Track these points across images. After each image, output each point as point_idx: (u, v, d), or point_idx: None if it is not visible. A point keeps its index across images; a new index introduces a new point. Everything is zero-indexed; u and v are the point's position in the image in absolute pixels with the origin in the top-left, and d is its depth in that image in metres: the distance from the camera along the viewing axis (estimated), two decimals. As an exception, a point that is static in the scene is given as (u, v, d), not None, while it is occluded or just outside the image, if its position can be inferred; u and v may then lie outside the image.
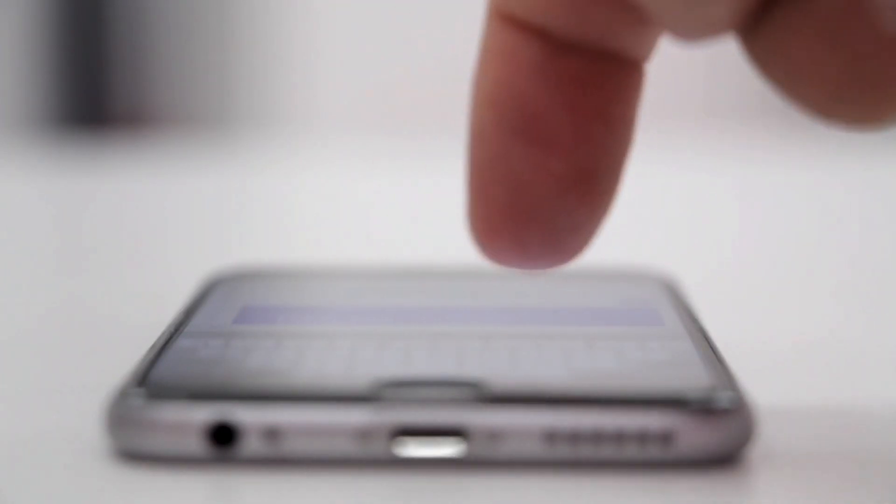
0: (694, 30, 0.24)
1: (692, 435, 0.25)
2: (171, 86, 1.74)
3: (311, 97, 1.71)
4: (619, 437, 0.25)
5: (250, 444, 0.25)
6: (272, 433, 0.25)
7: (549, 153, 0.26)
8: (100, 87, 1.68)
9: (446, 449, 0.25)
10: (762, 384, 0.28)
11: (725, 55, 0.38)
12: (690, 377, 0.27)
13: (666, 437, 0.25)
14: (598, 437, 0.25)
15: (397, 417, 0.25)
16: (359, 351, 0.29)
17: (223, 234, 0.57)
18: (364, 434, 0.25)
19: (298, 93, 1.72)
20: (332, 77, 1.71)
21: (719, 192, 0.67)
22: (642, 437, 0.25)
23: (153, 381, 0.26)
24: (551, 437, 0.25)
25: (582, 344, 0.29)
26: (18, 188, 0.68)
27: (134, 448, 0.26)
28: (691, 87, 1.63)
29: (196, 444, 0.25)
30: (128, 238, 0.56)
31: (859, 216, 0.60)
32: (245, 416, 0.25)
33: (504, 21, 0.26)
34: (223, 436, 0.25)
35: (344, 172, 0.75)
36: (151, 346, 0.29)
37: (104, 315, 0.40)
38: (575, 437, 0.25)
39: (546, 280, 0.36)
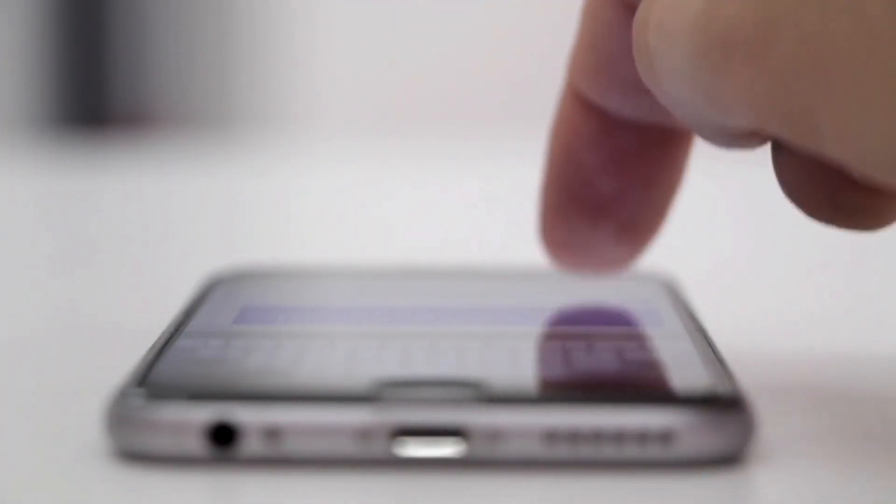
0: (727, 149, 0.28)
1: (692, 434, 0.25)
2: (171, 86, 1.74)
3: (311, 97, 1.71)
4: (619, 437, 0.25)
5: (250, 444, 0.25)
6: (272, 433, 0.25)
7: (598, 213, 0.31)
8: (100, 87, 1.68)
9: (446, 449, 0.25)
10: (762, 384, 0.28)
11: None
12: (690, 377, 0.27)
13: (666, 437, 0.25)
14: (598, 437, 0.25)
15: (397, 417, 0.25)
16: (359, 351, 0.29)
17: (223, 234, 0.57)
18: (364, 434, 0.25)
19: (298, 93, 1.72)
20: (332, 77, 1.71)
21: (719, 192, 0.67)
22: (642, 437, 0.25)
23: (153, 381, 0.26)
24: (551, 437, 0.25)
25: (582, 344, 0.29)
26: (18, 188, 0.68)
27: (134, 448, 0.26)
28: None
29: (196, 444, 0.25)
30: (128, 238, 0.56)
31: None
32: (245, 416, 0.25)
33: (574, 95, 0.30)
34: (223, 436, 0.25)
35: (344, 172, 0.75)
36: (151, 346, 0.29)
37: (104, 315, 0.40)
38: (575, 437, 0.25)
39: (547, 280, 0.36)
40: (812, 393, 0.31)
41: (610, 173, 0.31)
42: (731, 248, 0.53)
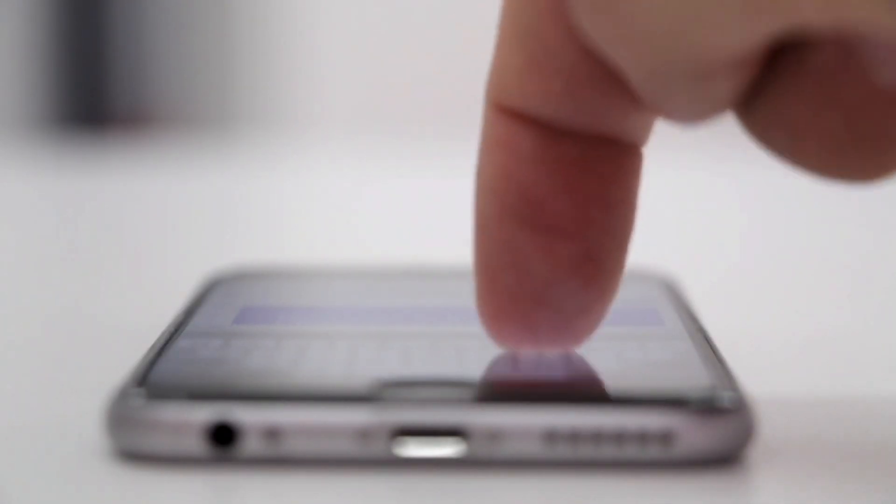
0: (694, 116, 0.25)
1: (692, 435, 0.25)
2: (171, 86, 1.74)
3: (311, 98, 1.71)
4: (619, 437, 0.25)
5: (250, 444, 0.25)
6: (272, 433, 0.25)
7: (553, 238, 0.27)
8: (100, 87, 1.68)
9: (446, 449, 0.25)
10: (762, 384, 0.28)
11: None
12: (690, 377, 0.27)
13: (666, 437, 0.25)
14: (598, 437, 0.25)
15: (397, 417, 0.25)
16: (359, 351, 0.29)
17: (223, 234, 0.57)
18: (364, 434, 0.25)
19: (298, 93, 1.72)
20: (333, 77, 1.71)
21: (719, 192, 0.67)
22: (642, 437, 0.25)
23: (153, 381, 0.26)
24: (551, 437, 0.25)
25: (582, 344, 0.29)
26: (18, 188, 0.68)
27: (134, 448, 0.26)
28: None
29: (196, 444, 0.25)
30: (128, 238, 0.56)
31: (859, 216, 0.60)
32: (245, 416, 0.25)
33: (502, 112, 0.26)
34: (223, 436, 0.25)
35: (344, 172, 0.75)
36: (151, 346, 0.29)
37: (104, 315, 0.40)
38: (575, 437, 0.25)
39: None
40: (812, 393, 0.31)
41: (558, 190, 0.26)
42: (731, 248, 0.53)
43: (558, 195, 0.26)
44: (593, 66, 0.25)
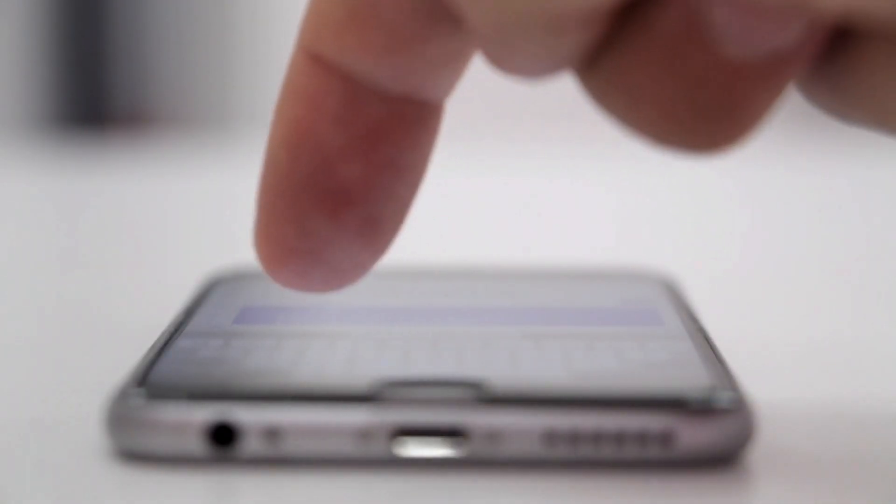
0: (535, 72, 0.24)
1: (692, 435, 0.25)
2: (171, 86, 1.74)
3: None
4: (619, 437, 0.25)
5: (250, 444, 0.25)
6: (272, 433, 0.25)
7: (338, 204, 0.26)
8: (100, 87, 1.68)
9: (446, 449, 0.25)
10: (762, 384, 0.28)
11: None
12: (690, 377, 0.27)
13: (666, 437, 0.25)
14: (598, 437, 0.25)
15: (397, 417, 0.25)
16: (359, 351, 0.29)
17: (223, 234, 0.57)
18: (364, 434, 0.25)
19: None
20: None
21: (720, 192, 0.67)
22: (642, 437, 0.25)
23: (153, 381, 0.26)
24: (551, 437, 0.25)
25: (582, 344, 0.29)
26: (18, 188, 0.68)
27: (134, 448, 0.26)
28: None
29: (196, 444, 0.25)
30: (128, 238, 0.56)
31: (859, 216, 0.60)
32: (245, 416, 0.25)
33: (312, 61, 0.26)
34: (223, 436, 0.25)
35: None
36: (151, 346, 0.29)
37: (104, 315, 0.40)
38: (575, 437, 0.25)
39: (546, 280, 0.36)
40: (812, 394, 0.31)
41: (356, 156, 0.26)
42: (731, 248, 0.53)
43: (352, 160, 0.26)
44: (417, 23, 0.25)
